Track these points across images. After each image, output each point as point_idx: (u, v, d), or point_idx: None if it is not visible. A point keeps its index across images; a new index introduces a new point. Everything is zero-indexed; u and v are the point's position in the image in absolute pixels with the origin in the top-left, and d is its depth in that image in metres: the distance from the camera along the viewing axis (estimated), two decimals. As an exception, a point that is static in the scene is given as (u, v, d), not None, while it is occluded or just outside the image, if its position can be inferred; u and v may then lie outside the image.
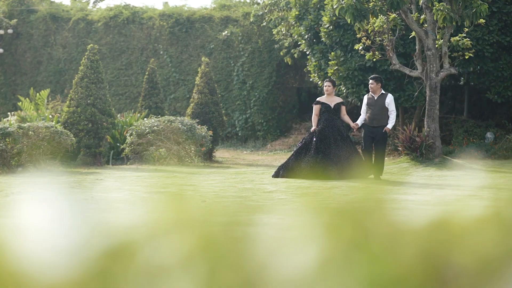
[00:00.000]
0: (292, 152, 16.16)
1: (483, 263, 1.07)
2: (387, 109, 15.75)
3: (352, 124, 15.78)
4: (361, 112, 16.03)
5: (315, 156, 15.12)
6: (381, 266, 0.99)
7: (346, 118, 15.85)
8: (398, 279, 0.98)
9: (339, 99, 16.01)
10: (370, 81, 16.07)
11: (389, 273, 0.99)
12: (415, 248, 1.03)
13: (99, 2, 37.08)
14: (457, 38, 19.51)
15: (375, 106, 15.76)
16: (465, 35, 19.68)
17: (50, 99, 29.36)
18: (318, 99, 16.11)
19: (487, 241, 1.09)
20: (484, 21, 19.32)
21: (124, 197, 12.11)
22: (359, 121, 15.86)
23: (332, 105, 15.69)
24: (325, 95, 15.98)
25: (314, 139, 15.35)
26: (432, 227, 0.91)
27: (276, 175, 15.57)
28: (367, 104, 15.88)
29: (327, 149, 15.16)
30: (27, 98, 25.72)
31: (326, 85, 16.01)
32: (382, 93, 15.87)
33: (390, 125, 15.73)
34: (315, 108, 15.83)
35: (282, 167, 15.63)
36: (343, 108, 15.86)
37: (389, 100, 15.83)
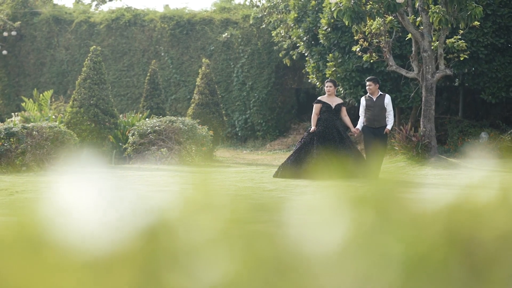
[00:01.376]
0: (291, 152, 15.97)
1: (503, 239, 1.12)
2: (385, 110, 15.58)
3: (353, 129, 15.47)
4: (360, 114, 15.76)
5: (314, 156, 15.00)
6: (408, 245, 1.01)
7: (347, 119, 15.57)
8: (425, 255, 1.00)
9: (340, 100, 15.72)
10: (368, 82, 15.82)
11: (416, 250, 1.02)
12: (438, 227, 1.06)
13: (101, 4, 37.13)
14: (452, 40, 19.56)
15: (375, 107, 15.57)
16: (460, 37, 19.73)
17: (53, 99, 29.42)
18: (319, 98, 15.78)
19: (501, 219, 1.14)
20: (479, 23, 19.36)
21: (127, 196, 12.14)
22: (359, 125, 15.58)
23: (333, 105, 15.42)
24: (326, 95, 15.69)
25: (315, 139, 15.20)
26: (450, 210, 0.95)
27: (276, 175, 15.41)
28: (366, 105, 15.64)
29: (326, 150, 14.93)
30: (30, 99, 25.77)
31: (328, 86, 15.72)
32: (380, 94, 15.68)
33: (389, 126, 15.52)
34: (316, 107, 15.57)
35: (282, 167, 15.46)
36: (344, 109, 15.58)
37: (388, 100, 15.65)
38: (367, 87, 15.80)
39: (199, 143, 20.12)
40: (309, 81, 25.96)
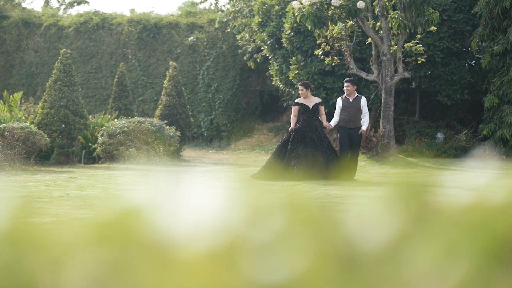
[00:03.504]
0: (272, 152, 15.51)
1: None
2: (361, 111, 15.39)
3: (325, 123, 15.12)
4: (335, 115, 15.52)
5: (293, 157, 14.58)
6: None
7: (323, 117, 15.19)
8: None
9: (317, 100, 15.35)
10: (346, 84, 15.59)
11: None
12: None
13: (69, 8, 36.90)
14: (410, 44, 19.77)
15: (351, 108, 15.38)
16: (417, 41, 19.94)
17: (23, 101, 29.15)
18: (296, 100, 15.37)
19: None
20: (435, 28, 19.60)
21: (98, 195, 12.13)
22: (333, 122, 15.34)
23: (310, 106, 15.06)
24: (302, 97, 15.29)
25: (294, 140, 14.75)
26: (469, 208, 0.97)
27: (256, 176, 14.93)
28: (343, 106, 15.43)
29: (304, 149, 14.65)
30: (0, 100, 25.52)
31: (300, 89, 15.35)
32: (356, 95, 15.48)
33: (365, 127, 15.36)
34: (294, 109, 15.19)
35: (262, 168, 15.06)
36: (322, 109, 15.20)
37: (364, 102, 15.45)
38: (344, 88, 15.56)
39: (167, 143, 20.10)
40: (273, 83, 26.05)
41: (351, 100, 15.45)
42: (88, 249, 0.97)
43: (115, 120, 20.91)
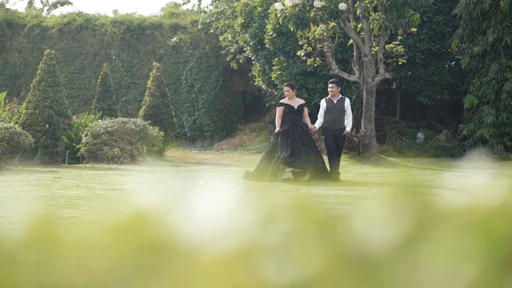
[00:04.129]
0: (262, 156, 15.30)
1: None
2: (345, 112, 15.34)
3: (310, 125, 15.08)
4: (319, 116, 15.44)
5: (281, 158, 14.46)
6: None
7: (307, 119, 15.11)
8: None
9: (301, 101, 15.29)
10: (330, 85, 15.50)
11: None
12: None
13: (53, 9, 36.75)
14: (391, 45, 19.84)
15: (336, 110, 15.31)
16: (398, 42, 20.01)
17: (7, 101, 29.01)
18: (281, 101, 15.28)
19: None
20: (416, 29, 19.68)
21: (83, 194, 12.10)
22: (317, 124, 15.28)
23: (295, 106, 15.00)
24: (287, 98, 15.21)
25: (280, 140, 14.66)
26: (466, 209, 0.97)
27: (247, 177, 14.86)
28: (327, 108, 15.35)
29: (294, 150, 14.54)
30: (-16, 101, 25.38)
31: (285, 90, 15.26)
32: (341, 97, 15.44)
33: (349, 128, 15.34)
34: (279, 110, 15.09)
35: (255, 170, 14.93)
36: (305, 110, 15.14)
37: (348, 103, 15.41)
38: (329, 90, 15.50)
39: (150, 143, 20.08)
40: (255, 84, 26.07)
41: (335, 102, 15.40)
42: (104, 251, 0.97)
43: (99, 120, 20.86)
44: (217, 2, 29.51)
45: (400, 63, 20.11)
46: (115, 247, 0.96)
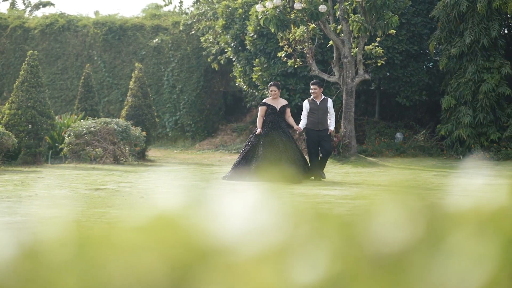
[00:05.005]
0: (239, 154, 15.23)
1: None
2: (328, 113, 15.33)
3: (296, 126, 15.10)
4: (302, 117, 15.39)
5: (260, 158, 14.44)
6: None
7: (291, 120, 15.11)
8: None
9: (284, 102, 15.25)
10: (312, 86, 15.46)
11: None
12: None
13: (35, 10, 36.55)
14: (370, 46, 19.93)
15: (319, 111, 15.26)
16: (377, 44, 20.10)
17: (-11, 102, 28.84)
18: (264, 100, 15.28)
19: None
20: (395, 31, 19.77)
21: (66, 194, 12.07)
22: (301, 125, 15.27)
23: (278, 107, 14.97)
24: (271, 97, 15.21)
25: (261, 141, 14.65)
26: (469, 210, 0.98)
27: (227, 177, 14.79)
28: (310, 109, 15.30)
29: (272, 151, 14.45)
30: (-33, 101, 25.23)
31: (272, 89, 15.22)
32: (323, 97, 15.44)
33: (332, 127, 15.31)
34: (261, 109, 15.04)
35: (232, 170, 14.90)
36: (288, 110, 15.11)
37: (330, 104, 15.38)
38: (311, 91, 15.46)
39: (133, 143, 20.03)
40: (236, 84, 26.09)
41: (318, 103, 15.38)
42: (139, 252, 0.99)
43: (82, 120, 20.78)
44: (198, 3, 29.50)
45: (379, 64, 20.20)
46: (154, 249, 0.97)
